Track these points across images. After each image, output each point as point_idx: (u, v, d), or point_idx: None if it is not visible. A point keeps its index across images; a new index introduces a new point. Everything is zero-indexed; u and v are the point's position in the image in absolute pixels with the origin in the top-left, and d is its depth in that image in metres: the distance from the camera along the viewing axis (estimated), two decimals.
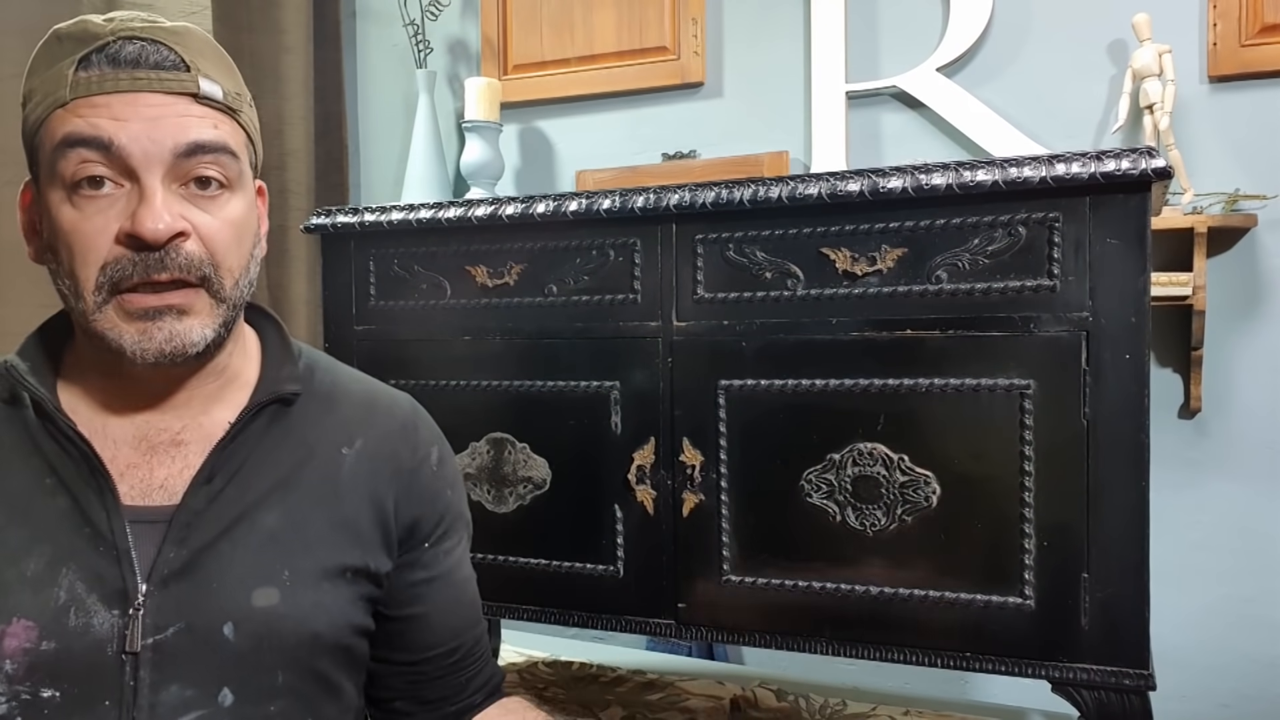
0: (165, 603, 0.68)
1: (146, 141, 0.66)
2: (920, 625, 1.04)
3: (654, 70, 2.10)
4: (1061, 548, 0.98)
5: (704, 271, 1.11)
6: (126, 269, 0.66)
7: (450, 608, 0.83)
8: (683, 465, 1.12)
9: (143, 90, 0.67)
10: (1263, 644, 1.71)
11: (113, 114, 0.66)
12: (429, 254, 1.25)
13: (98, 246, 0.66)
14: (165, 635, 0.68)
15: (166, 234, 0.66)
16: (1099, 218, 0.96)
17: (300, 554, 0.73)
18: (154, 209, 0.66)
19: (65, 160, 0.66)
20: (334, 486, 0.76)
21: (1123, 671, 0.96)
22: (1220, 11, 1.68)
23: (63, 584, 0.67)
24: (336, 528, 0.75)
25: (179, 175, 0.68)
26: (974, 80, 1.85)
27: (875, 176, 1.03)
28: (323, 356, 0.85)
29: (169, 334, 0.68)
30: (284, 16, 2.12)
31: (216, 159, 0.69)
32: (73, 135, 0.66)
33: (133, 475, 0.71)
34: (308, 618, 0.72)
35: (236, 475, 0.73)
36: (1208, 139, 1.70)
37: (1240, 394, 1.70)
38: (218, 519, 0.71)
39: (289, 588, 0.72)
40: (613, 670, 1.53)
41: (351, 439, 0.79)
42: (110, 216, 0.66)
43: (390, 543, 0.79)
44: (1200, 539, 1.73)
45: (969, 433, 1.01)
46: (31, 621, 0.66)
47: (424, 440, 0.83)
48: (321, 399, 0.80)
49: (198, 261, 0.68)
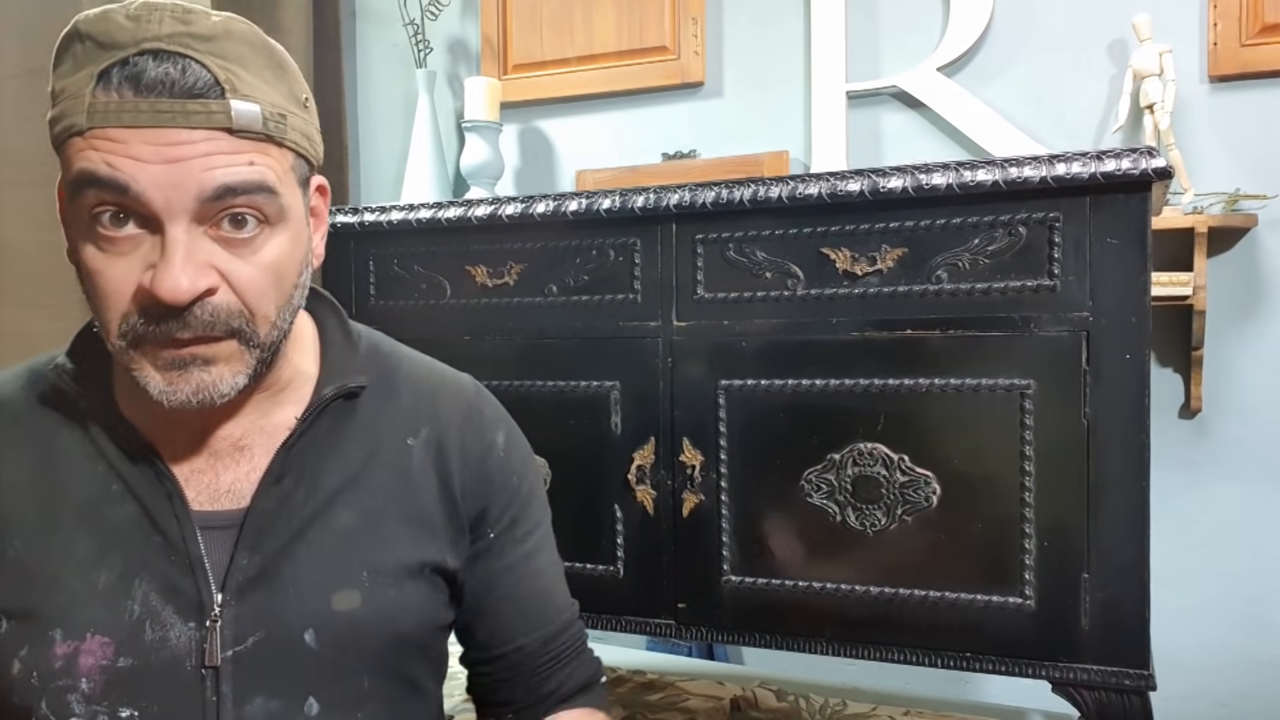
0: (243, 612, 0.65)
1: (169, 187, 0.58)
2: (920, 625, 1.04)
3: (654, 70, 2.10)
4: (1061, 548, 0.98)
5: (704, 271, 1.11)
6: (149, 323, 0.60)
7: (526, 598, 0.79)
8: (683, 465, 1.12)
9: (165, 125, 0.58)
10: (1263, 644, 1.71)
11: (131, 153, 0.58)
12: (429, 254, 1.25)
13: (119, 293, 0.60)
14: (245, 646, 0.65)
15: (188, 297, 0.59)
16: (1099, 218, 0.96)
17: (378, 553, 0.70)
18: (172, 269, 0.58)
19: (84, 198, 0.60)
20: (405, 480, 0.73)
21: (1123, 671, 0.96)
22: (1220, 11, 1.68)
23: (136, 596, 0.64)
24: (411, 523, 0.73)
25: (208, 217, 0.60)
26: (974, 80, 1.85)
27: (875, 176, 1.03)
28: (383, 339, 0.80)
29: (196, 386, 0.62)
30: (284, 16, 2.12)
31: (251, 200, 0.61)
32: (89, 174, 0.59)
33: (198, 480, 0.68)
34: (392, 619, 0.70)
35: (305, 474, 0.70)
36: (1208, 139, 1.70)
37: (1240, 394, 1.70)
38: (289, 521, 0.68)
39: (369, 589, 0.69)
40: (613, 670, 1.53)
41: (417, 428, 0.75)
42: (132, 261, 0.60)
43: (463, 533, 0.76)
44: (1200, 539, 1.72)
45: (969, 433, 1.01)
46: (107, 637, 0.63)
47: (489, 425, 0.80)
48: (384, 386, 0.76)
49: (225, 315, 0.62)
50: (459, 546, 0.75)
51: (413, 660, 0.73)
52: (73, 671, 0.63)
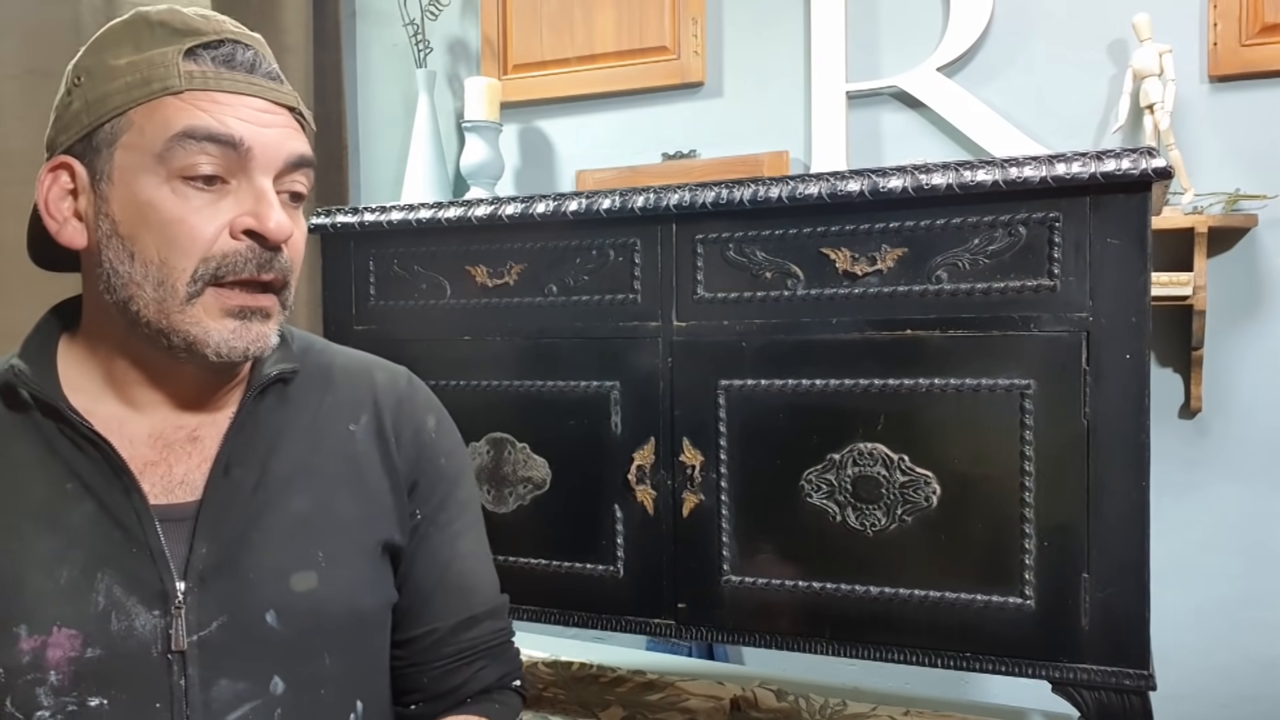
0: (205, 599, 0.68)
1: (269, 146, 0.68)
2: (920, 625, 1.04)
3: (654, 70, 2.10)
4: (1061, 548, 0.98)
5: (704, 271, 1.11)
6: (239, 263, 0.67)
7: (444, 581, 0.80)
8: (683, 465, 1.12)
9: (258, 96, 0.68)
10: (1263, 644, 1.71)
11: (238, 115, 0.66)
12: (429, 254, 1.25)
13: (205, 237, 0.66)
14: (209, 630, 0.67)
15: (287, 234, 0.68)
16: (1099, 218, 0.96)
17: (333, 535, 0.73)
18: (275, 209, 0.67)
19: (184, 150, 0.65)
20: (352, 464, 0.77)
21: (1123, 671, 0.96)
22: (1220, 11, 1.68)
23: (100, 589, 0.66)
24: (363, 504, 0.76)
25: (281, 186, 0.70)
26: (974, 80, 1.85)
27: (875, 176, 1.03)
28: (315, 338, 0.85)
29: (257, 334, 0.69)
30: (284, 16, 2.12)
31: (308, 175, 0.72)
32: (199, 129, 0.65)
33: (152, 473, 0.70)
34: (350, 597, 0.73)
35: (253, 464, 0.73)
36: (1208, 139, 1.70)
37: (1240, 394, 1.70)
38: (244, 510, 0.71)
39: (326, 569, 0.72)
40: (613, 670, 1.53)
41: (357, 415, 0.79)
42: (219, 209, 0.67)
43: (404, 511, 0.79)
44: (1200, 539, 1.73)
45: (969, 433, 1.01)
46: (74, 630, 0.65)
47: (421, 408, 0.84)
48: (320, 379, 0.80)
49: (291, 266, 0.71)
50: (404, 524, 0.79)
51: (373, 638, 0.75)
52: (41, 665, 0.64)
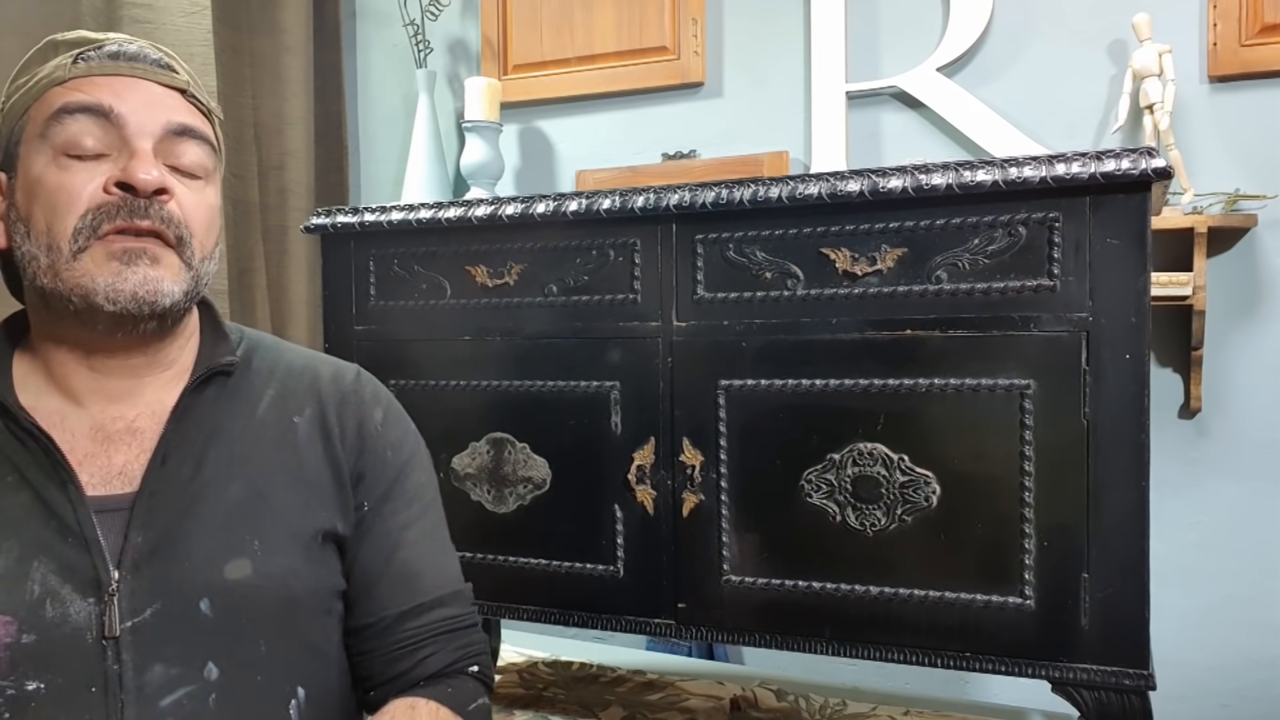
0: (139, 586, 0.69)
1: (144, 114, 0.71)
2: (920, 625, 1.04)
3: (654, 70, 2.10)
4: (1061, 548, 0.98)
5: (704, 271, 1.11)
6: (111, 211, 0.69)
7: (393, 571, 0.80)
8: (683, 465, 1.12)
9: (140, 77, 0.73)
10: (1263, 644, 1.71)
11: (113, 90, 0.71)
12: (429, 254, 1.25)
13: (82, 195, 0.69)
14: (143, 617, 0.69)
15: (156, 183, 0.70)
16: (1099, 218, 0.96)
17: (269, 523, 0.74)
18: (145, 161, 0.70)
19: (60, 126, 0.69)
20: (293, 454, 0.78)
21: (1123, 671, 0.96)
22: (1220, 11, 1.68)
23: (35, 577, 0.68)
24: (301, 493, 0.77)
25: (165, 155, 0.72)
26: (974, 80, 1.85)
27: (875, 176, 1.03)
28: (266, 336, 0.87)
29: (143, 278, 0.70)
30: (284, 16, 2.12)
31: (200, 147, 0.75)
32: (72, 104, 0.70)
33: (91, 464, 0.72)
34: (284, 584, 0.73)
35: (192, 455, 0.74)
36: (1208, 139, 1.70)
37: (1240, 394, 1.70)
38: (179, 499, 0.72)
39: (260, 557, 0.73)
40: (613, 670, 1.53)
41: (302, 408, 0.81)
42: (97, 172, 0.70)
43: (349, 504, 0.80)
44: (1200, 539, 1.73)
45: (969, 433, 1.01)
46: (9, 616, 0.67)
47: (368, 402, 0.84)
48: (265, 374, 0.81)
49: (177, 220, 0.72)
50: (347, 515, 0.80)
51: (310, 624, 0.76)
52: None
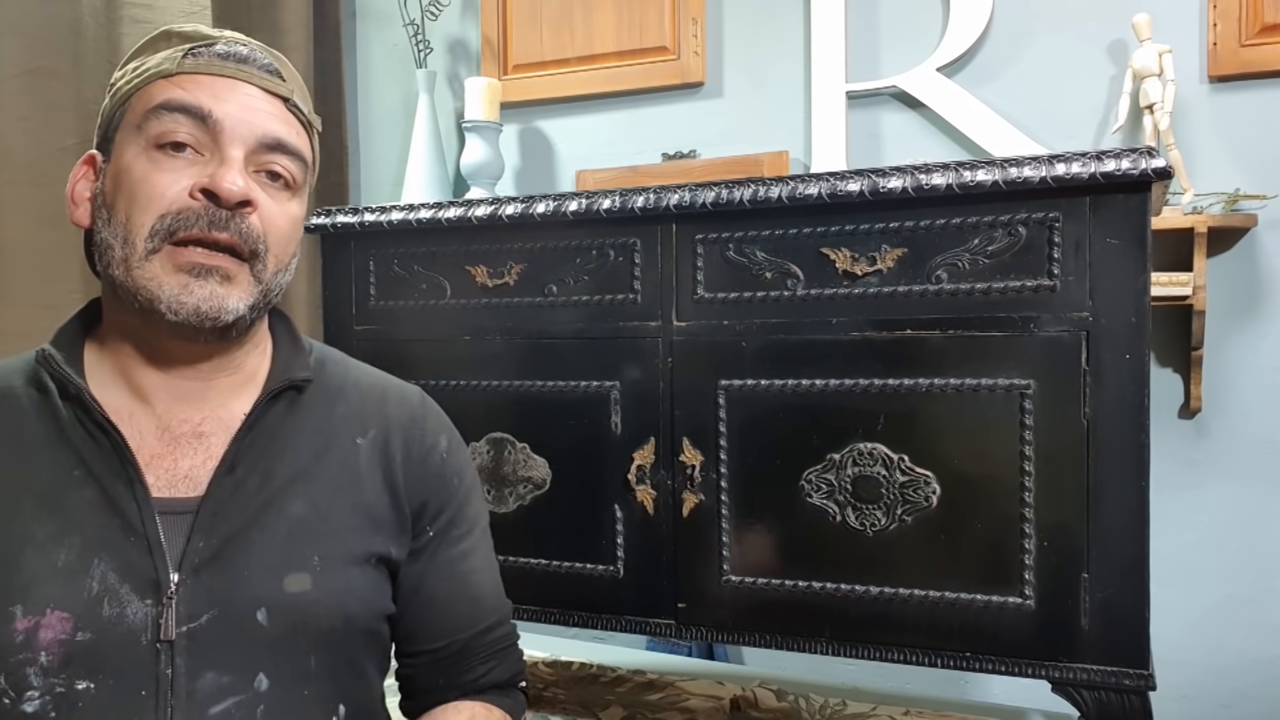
0: (198, 591, 0.69)
1: (240, 122, 0.71)
2: (920, 625, 1.04)
3: (654, 70, 2.10)
4: (1061, 548, 0.98)
5: (704, 271, 1.11)
6: (191, 219, 0.68)
7: (457, 596, 0.83)
8: (683, 465, 1.12)
9: (244, 80, 0.72)
10: (1263, 644, 1.71)
11: (214, 92, 0.71)
12: (429, 254, 1.25)
13: (165, 195, 0.68)
14: (199, 623, 0.68)
15: (241, 195, 0.69)
16: (1099, 218, 0.96)
17: (328, 541, 0.74)
18: (232, 171, 0.69)
19: (157, 121, 0.69)
20: (353, 475, 0.78)
21: (1123, 671, 0.96)
22: (1220, 11, 1.68)
23: (95, 574, 0.67)
24: (359, 515, 0.77)
25: (256, 163, 0.72)
26: (974, 80, 1.85)
27: (875, 176, 1.03)
28: (333, 351, 0.87)
29: (209, 293, 0.69)
30: (284, 16, 2.11)
31: (292, 161, 0.74)
32: (172, 101, 0.70)
33: (158, 466, 0.72)
34: (340, 602, 0.74)
35: (258, 466, 0.74)
36: (1208, 139, 1.70)
37: (1240, 394, 1.70)
38: (244, 508, 0.72)
39: (320, 573, 0.73)
40: (613, 670, 1.53)
41: (365, 429, 0.80)
42: (185, 174, 0.69)
43: (405, 528, 0.80)
44: (1200, 539, 1.73)
45: (969, 433, 1.01)
46: (65, 612, 0.66)
47: (432, 429, 0.85)
48: (333, 391, 0.81)
49: (256, 235, 0.71)
50: (402, 540, 0.80)
51: (358, 644, 0.76)
52: (32, 645, 0.65)
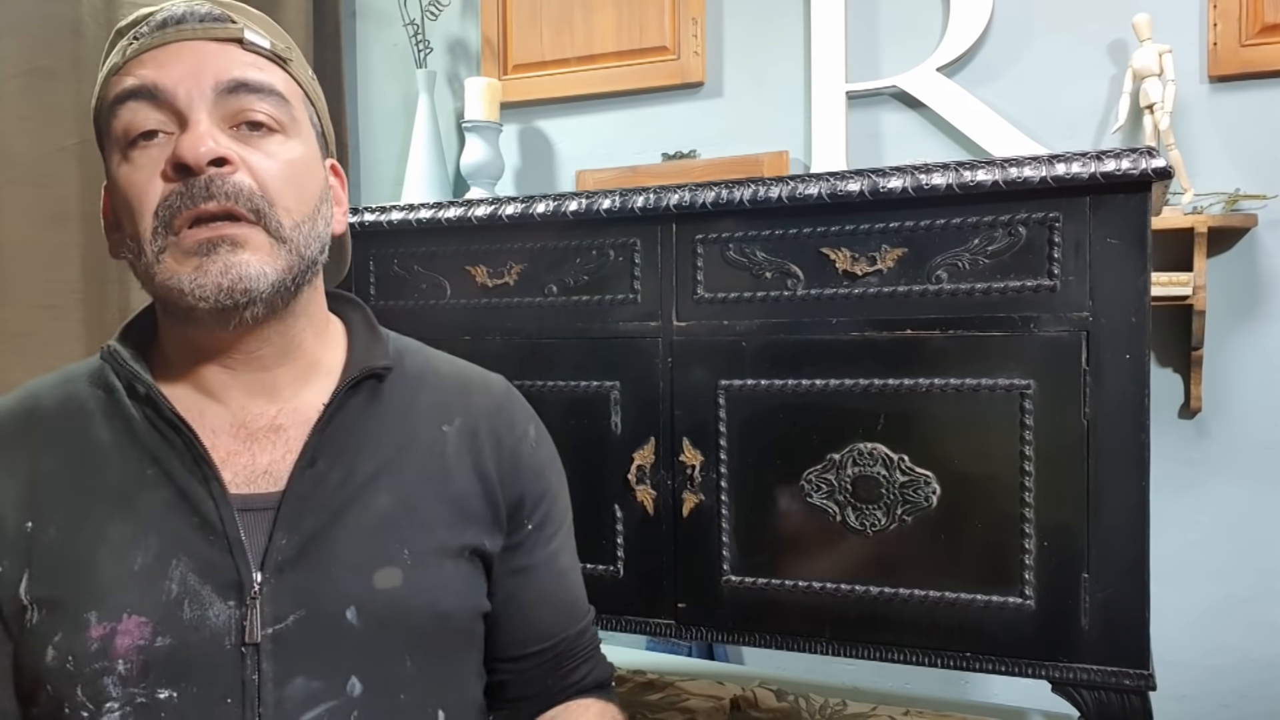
0: (282, 590, 0.65)
1: (189, 81, 0.66)
2: (920, 625, 1.04)
3: (654, 70, 2.10)
4: (1061, 548, 0.98)
5: (704, 271, 1.11)
6: (175, 201, 0.64)
7: (555, 596, 0.80)
8: (683, 465, 1.12)
9: (187, 39, 0.67)
10: (1263, 644, 1.70)
11: (157, 64, 0.66)
12: (429, 254, 1.25)
13: (149, 191, 0.65)
14: (286, 624, 0.64)
15: (207, 156, 0.64)
16: (1099, 218, 0.96)
17: (417, 534, 0.70)
18: (193, 135, 0.64)
19: (118, 119, 0.66)
20: (441, 465, 0.74)
21: (1123, 671, 0.96)
22: (1220, 11, 1.68)
23: (174, 576, 0.64)
24: (449, 507, 0.73)
25: (228, 115, 0.67)
26: (974, 80, 1.85)
27: (875, 176, 1.03)
28: (411, 341, 0.82)
29: (223, 266, 0.64)
30: (284, 16, 2.11)
31: (264, 99, 0.68)
32: (123, 91, 0.66)
33: (235, 462, 0.68)
34: (434, 598, 0.69)
35: (340, 458, 0.70)
36: (1208, 139, 1.70)
37: (1240, 394, 1.70)
38: (327, 503, 0.68)
39: (411, 567, 0.69)
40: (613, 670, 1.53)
41: (450, 417, 0.76)
42: (158, 160, 0.65)
43: (500, 521, 0.76)
44: (1200, 539, 1.72)
45: (969, 433, 1.01)
46: (144, 617, 0.62)
47: (520, 417, 0.81)
48: (415, 380, 0.77)
49: (248, 192, 0.66)
50: (496, 533, 0.76)
51: (455, 644, 0.72)
52: (109, 653, 0.62)
